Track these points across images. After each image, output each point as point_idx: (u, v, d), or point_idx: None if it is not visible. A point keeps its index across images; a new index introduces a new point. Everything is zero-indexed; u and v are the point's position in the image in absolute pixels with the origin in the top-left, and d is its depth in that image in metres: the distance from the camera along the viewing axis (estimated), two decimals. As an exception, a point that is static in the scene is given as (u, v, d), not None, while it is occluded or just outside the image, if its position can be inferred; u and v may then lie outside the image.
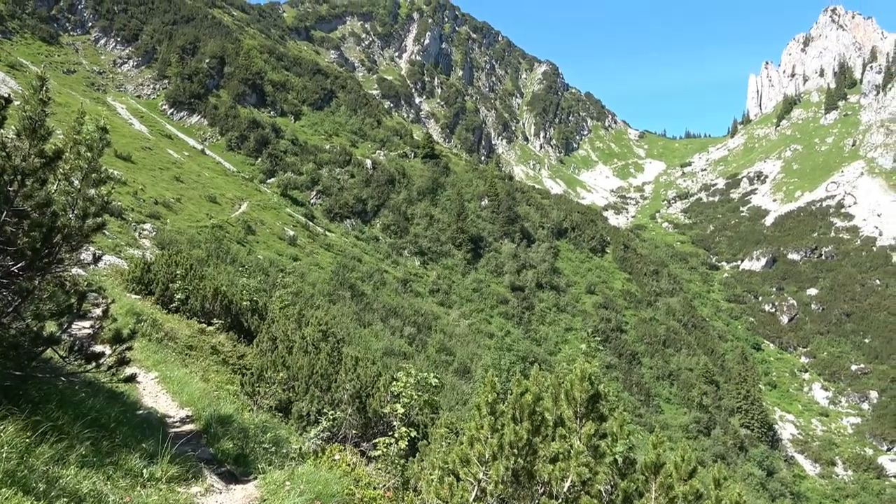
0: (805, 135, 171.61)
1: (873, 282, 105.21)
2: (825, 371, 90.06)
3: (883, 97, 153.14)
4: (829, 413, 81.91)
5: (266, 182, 70.09)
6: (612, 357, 66.79)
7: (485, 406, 5.89)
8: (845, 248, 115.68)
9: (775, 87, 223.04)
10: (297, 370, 12.86)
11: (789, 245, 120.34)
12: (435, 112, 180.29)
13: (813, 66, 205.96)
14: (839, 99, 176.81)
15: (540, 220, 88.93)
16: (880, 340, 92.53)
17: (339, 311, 43.41)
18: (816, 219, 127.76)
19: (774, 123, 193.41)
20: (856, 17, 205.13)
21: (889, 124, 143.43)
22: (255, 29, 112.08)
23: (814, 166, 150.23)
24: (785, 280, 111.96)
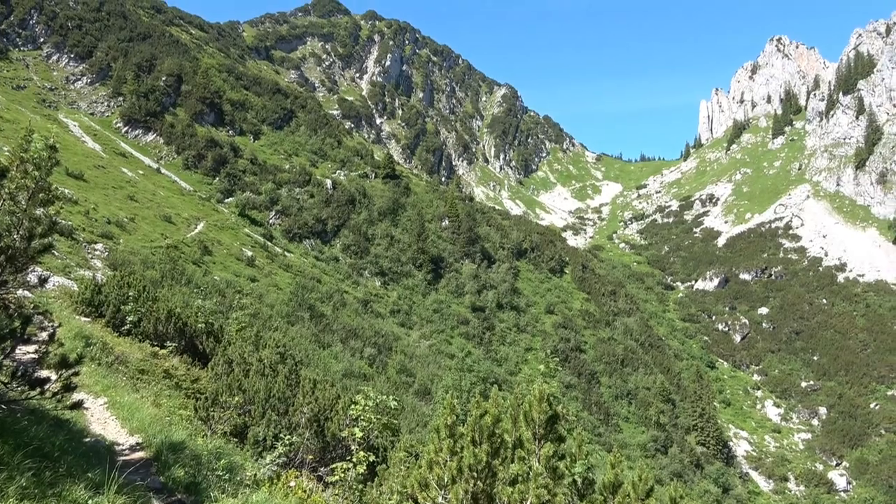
0: (754, 159, 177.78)
1: (820, 301, 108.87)
2: (777, 388, 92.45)
3: (826, 124, 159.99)
4: (781, 429, 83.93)
5: (224, 202, 68.99)
6: (571, 377, 67.29)
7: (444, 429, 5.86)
8: (793, 269, 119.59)
9: (725, 113, 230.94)
10: (253, 394, 12.59)
11: (741, 265, 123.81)
12: (396, 133, 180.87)
13: (760, 92, 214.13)
14: (786, 125, 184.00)
15: (500, 241, 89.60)
16: (828, 358, 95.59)
17: (297, 333, 42.76)
18: (766, 240, 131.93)
19: (725, 147, 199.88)
20: (800, 47, 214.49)
21: (832, 149, 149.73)
22: (213, 48, 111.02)
23: (763, 189, 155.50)
24: (737, 299, 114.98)
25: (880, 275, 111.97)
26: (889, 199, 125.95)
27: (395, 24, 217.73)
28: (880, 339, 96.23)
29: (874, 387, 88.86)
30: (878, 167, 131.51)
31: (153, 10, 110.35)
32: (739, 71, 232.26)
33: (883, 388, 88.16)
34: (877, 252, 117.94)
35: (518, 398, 7.30)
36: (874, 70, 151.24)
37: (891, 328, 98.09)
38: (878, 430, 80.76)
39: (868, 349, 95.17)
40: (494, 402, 6.92)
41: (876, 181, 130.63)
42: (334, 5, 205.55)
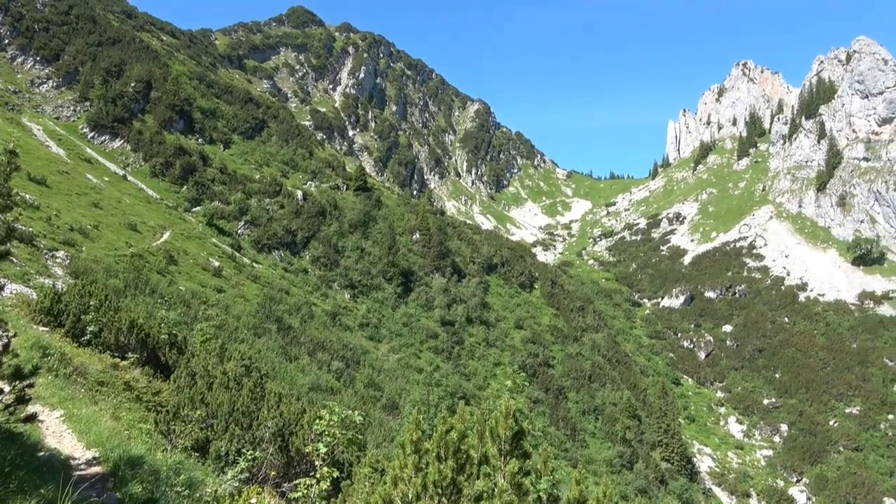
0: (720, 179, 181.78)
1: (782, 319, 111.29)
2: (740, 405, 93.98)
3: (789, 146, 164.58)
4: (744, 446, 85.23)
5: (191, 211, 67.97)
6: (539, 392, 67.51)
7: (409, 444, 5.82)
8: (757, 287, 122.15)
9: (692, 134, 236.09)
10: (216, 407, 12.35)
11: (706, 283, 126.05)
12: (368, 145, 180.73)
13: (726, 115, 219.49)
14: (750, 147, 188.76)
15: (471, 255, 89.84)
16: (789, 375, 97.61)
17: (264, 345, 42.16)
18: (730, 259, 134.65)
19: (692, 167, 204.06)
20: (764, 72, 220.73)
21: (795, 172, 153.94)
22: (185, 55, 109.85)
23: (728, 209, 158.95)
24: (702, 317, 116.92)
25: (839, 295, 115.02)
26: (848, 221, 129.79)
27: (369, 36, 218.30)
28: (839, 357, 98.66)
29: (833, 404, 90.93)
30: (838, 190, 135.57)
31: (124, 15, 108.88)
32: (706, 93, 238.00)
33: (841, 406, 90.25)
34: (836, 272, 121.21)
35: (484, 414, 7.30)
36: (835, 96, 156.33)
37: (849, 347, 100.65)
38: (836, 447, 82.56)
39: (828, 367, 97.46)
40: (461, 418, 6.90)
41: (836, 204, 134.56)
42: (309, 16, 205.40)
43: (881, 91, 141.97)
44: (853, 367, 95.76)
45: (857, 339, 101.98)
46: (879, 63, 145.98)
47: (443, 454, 5.99)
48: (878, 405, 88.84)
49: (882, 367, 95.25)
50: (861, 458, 79.94)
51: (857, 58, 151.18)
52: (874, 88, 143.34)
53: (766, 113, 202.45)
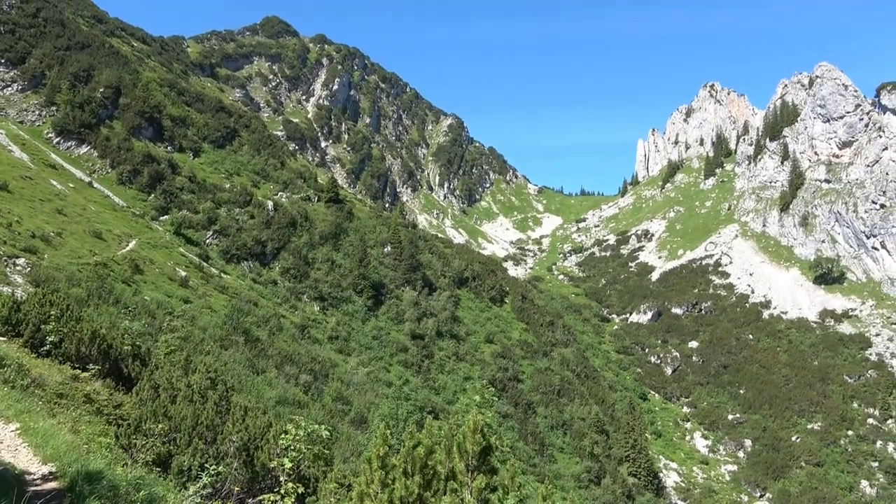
0: (687, 198, 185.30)
1: (747, 336, 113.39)
2: (705, 420, 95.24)
3: (754, 167, 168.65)
4: (709, 461, 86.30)
5: (159, 219, 66.83)
6: (508, 406, 67.55)
7: (376, 460, 5.78)
8: (722, 304, 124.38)
9: (661, 153, 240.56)
10: (179, 421, 12.10)
11: (673, 300, 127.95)
12: (341, 157, 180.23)
13: (694, 135, 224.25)
14: (717, 166, 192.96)
15: (442, 269, 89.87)
16: (753, 391, 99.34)
17: (230, 358, 41.49)
18: (697, 276, 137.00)
19: (660, 186, 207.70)
20: (731, 94, 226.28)
21: (759, 192, 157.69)
22: (156, 61, 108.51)
23: (695, 227, 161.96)
24: (669, 333, 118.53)
25: (802, 312, 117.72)
26: (810, 241, 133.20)
27: (344, 48, 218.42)
28: (801, 374, 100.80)
29: (795, 420, 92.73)
30: (801, 210, 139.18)
31: (94, 20, 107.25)
32: (675, 113, 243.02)
33: (803, 422, 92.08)
34: (799, 291, 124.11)
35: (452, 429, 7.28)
36: (798, 119, 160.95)
37: (811, 364, 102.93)
38: (798, 462, 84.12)
39: (790, 384, 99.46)
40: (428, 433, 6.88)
41: (798, 223, 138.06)
42: (283, 27, 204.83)
43: (842, 115, 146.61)
44: (814, 384, 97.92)
45: (818, 357, 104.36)
46: (840, 88, 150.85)
47: (410, 469, 5.96)
48: (839, 421, 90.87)
49: (842, 384, 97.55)
50: (822, 473, 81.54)
51: (819, 83, 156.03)
52: (835, 113, 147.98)
53: (733, 134, 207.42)
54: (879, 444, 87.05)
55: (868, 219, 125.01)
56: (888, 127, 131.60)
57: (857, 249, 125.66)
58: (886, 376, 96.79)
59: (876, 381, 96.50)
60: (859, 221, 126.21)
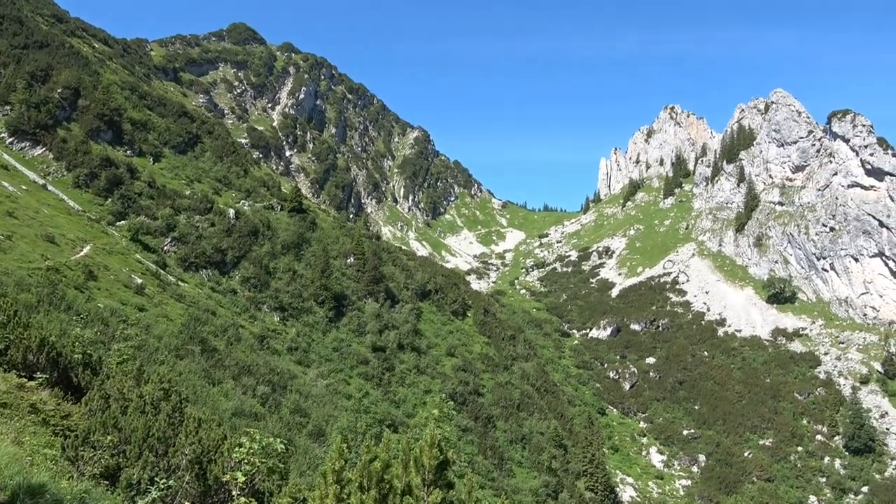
0: (647, 216, 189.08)
1: (702, 353, 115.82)
2: (661, 436, 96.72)
3: (711, 188, 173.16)
4: (664, 476, 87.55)
5: (115, 225, 65.13)
6: (468, 420, 67.47)
7: (331, 474, 5.72)
8: (679, 321, 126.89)
9: (622, 172, 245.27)
10: (130, 432, 11.77)
11: (631, 316, 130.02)
12: (305, 166, 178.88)
13: (654, 155, 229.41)
14: (676, 187, 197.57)
15: (405, 281, 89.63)
16: (707, 407, 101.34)
17: (186, 368, 40.55)
18: (655, 293, 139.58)
19: (621, 204, 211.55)
20: (690, 117, 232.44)
21: (716, 212, 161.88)
22: (117, 63, 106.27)
23: (654, 245, 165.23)
24: (628, 349, 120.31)
25: (755, 331, 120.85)
26: (764, 261, 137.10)
27: (311, 58, 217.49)
28: (754, 391, 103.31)
29: (748, 436, 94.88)
30: (755, 231, 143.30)
31: (53, 19, 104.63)
32: (636, 134, 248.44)
33: (755, 438, 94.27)
34: (752, 309, 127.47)
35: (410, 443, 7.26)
36: (754, 143, 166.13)
37: (763, 381, 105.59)
38: (750, 477, 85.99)
39: (743, 400, 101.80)
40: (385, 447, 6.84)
41: (753, 244, 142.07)
42: (250, 34, 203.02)
43: (795, 140, 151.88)
44: (766, 401, 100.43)
45: (770, 374, 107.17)
46: (794, 114, 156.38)
47: (366, 484, 5.93)
48: (789, 437, 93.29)
49: (792, 401, 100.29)
50: (773, 488, 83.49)
51: (774, 108, 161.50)
52: (789, 138, 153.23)
53: (691, 155, 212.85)
54: (827, 460, 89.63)
55: (818, 241, 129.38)
56: (838, 153, 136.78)
57: (808, 270, 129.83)
58: (834, 394, 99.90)
59: (824, 398, 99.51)
60: (810, 243, 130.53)
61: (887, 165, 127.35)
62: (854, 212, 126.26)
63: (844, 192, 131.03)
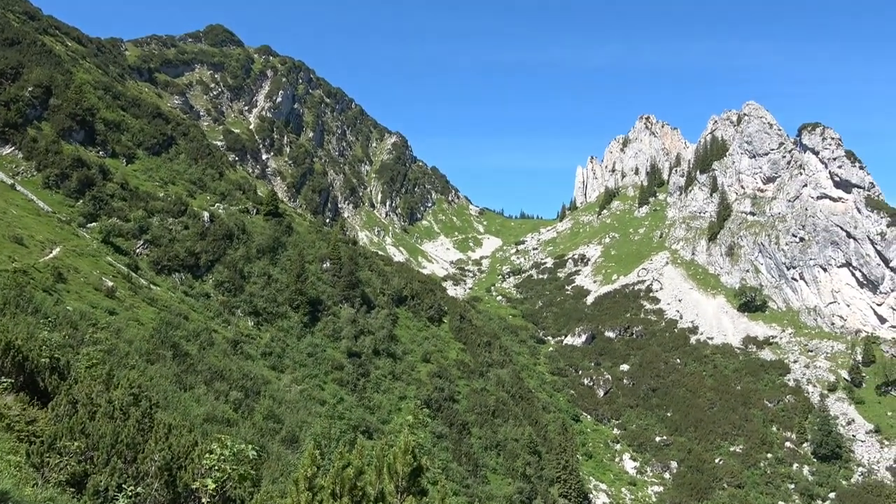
0: (622, 224, 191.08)
1: (675, 360, 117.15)
2: (634, 442, 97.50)
3: (685, 197, 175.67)
4: (637, 482, 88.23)
5: (86, 226, 63.96)
6: (443, 427, 67.37)
7: (303, 481, 5.67)
8: (652, 329, 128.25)
9: (598, 180, 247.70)
10: (98, 438, 11.54)
11: (606, 323, 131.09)
12: (282, 170, 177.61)
13: (630, 164, 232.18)
14: (650, 196, 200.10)
15: (381, 287, 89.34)
16: (680, 414, 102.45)
17: (157, 373, 39.90)
18: (630, 300, 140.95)
19: (597, 212, 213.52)
20: (665, 127, 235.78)
21: (689, 221, 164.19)
22: (91, 63, 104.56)
23: (628, 253, 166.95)
24: (602, 356, 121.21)
25: (726, 338, 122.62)
26: (735, 270, 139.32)
27: (289, 61, 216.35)
28: (725, 398, 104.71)
29: (719, 443, 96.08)
30: (727, 241, 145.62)
31: (25, 16, 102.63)
32: (612, 143, 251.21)
33: (726, 445, 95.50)
34: (724, 317, 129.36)
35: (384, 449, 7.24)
36: (726, 154, 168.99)
37: (734, 388, 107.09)
38: (721, 483, 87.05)
39: (714, 407, 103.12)
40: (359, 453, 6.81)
41: (725, 253, 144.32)
42: (227, 35, 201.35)
43: (766, 152, 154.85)
44: (737, 408, 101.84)
45: (741, 382, 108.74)
46: (766, 126, 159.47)
47: (338, 491, 5.89)
48: (759, 444, 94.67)
49: (762, 409, 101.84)
50: (743, 494, 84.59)
51: (746, 120, 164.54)
52: (760, 149, 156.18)
53: (666, 165, 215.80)
54: (796, 467, 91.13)
55: (788, 251, 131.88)
56: (808, 165, 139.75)
57: (778, 280, 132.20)
58: (803, 401, 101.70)
59: (793, 405, 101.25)
60: (780, 253, 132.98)
61: (854, 178, 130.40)
62: (823, 223, 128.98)
63: (814, 203, 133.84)
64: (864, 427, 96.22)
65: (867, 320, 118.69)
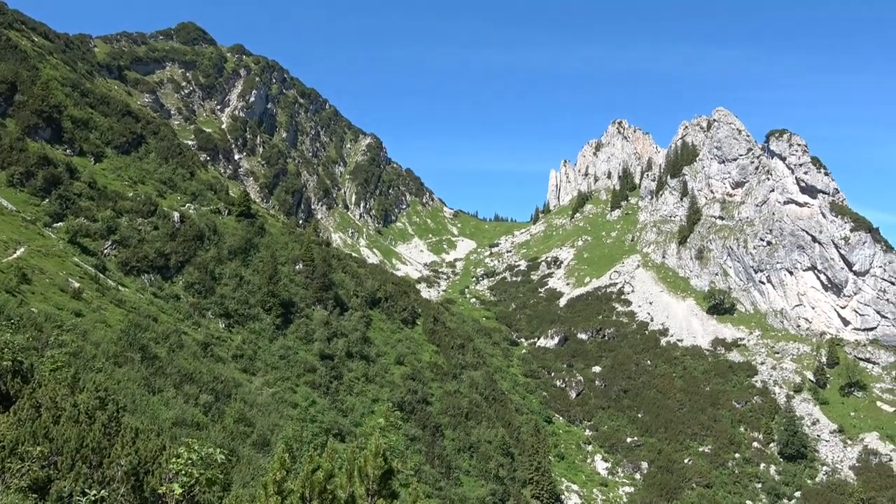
0: (595, 227, 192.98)
1: (645, 362, 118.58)
2: (605, 443, 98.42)
3: (656, 202, 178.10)
4: (608, 483, 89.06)
5: (52, 226, 62.53)
6: (416, 429, 67.25)
7: (272, 485, 5.63)
8: (624, 331, 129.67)
9: (572, 184, 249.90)
10: (62, 443, 11.29)
11: (579, 325, 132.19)
12: (255, 170, 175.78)
13: (602, 168, 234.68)
14: (622, 199, 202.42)
15: (355, 289, 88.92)
16: (650, 415, 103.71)
17: (125, 376, 39.14)
18: (602, 303, 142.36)
19: (570, 215, 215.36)
20: (637, 132, 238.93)
21: (660, 225, 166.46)
22: (58, 59, 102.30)
23: (601, 256, 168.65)
24: (574, 357, 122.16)
25: (696, 340, 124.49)
26: (705, 273, 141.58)
27: (263, 60, 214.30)
28: (694, 399, 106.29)
29: (688, 443, 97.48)
30: (697, 244, 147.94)
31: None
32: (585, 147, 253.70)
33: (695, 445, 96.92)
34: (694, 320, 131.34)
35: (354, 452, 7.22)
36: (696, 159, 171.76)
37: (703, 390, 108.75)
38: (690, 483, 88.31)
39: (684, 408, 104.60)
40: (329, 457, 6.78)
41: (695, 256, 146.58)
42: (199, 34, 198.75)
43: (735, 158, 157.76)
44: (706, 409, 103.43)
45: (709, 383, 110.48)
46: (734, 132, 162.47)
47: (308, 495, 5.86)
48: (727, 444, 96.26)
49: (730, 409, 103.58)
50: (711, 494, 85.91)
51: (716, 126, 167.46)
52: (730, 155, 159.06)
53: (637, 169, 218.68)
54: (763, 467, 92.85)
55: (756, 254, 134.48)
56: (775, 171, 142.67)
57: (746, 283, 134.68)
58: (770, 402, 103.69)
59: (761, 406, 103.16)
60: (748, 257, 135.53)
61: (820, 184, 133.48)
62: (789, 227, 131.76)
63: (781, 208, 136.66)
64: (828, 427, 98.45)
65: (831, 323, 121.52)
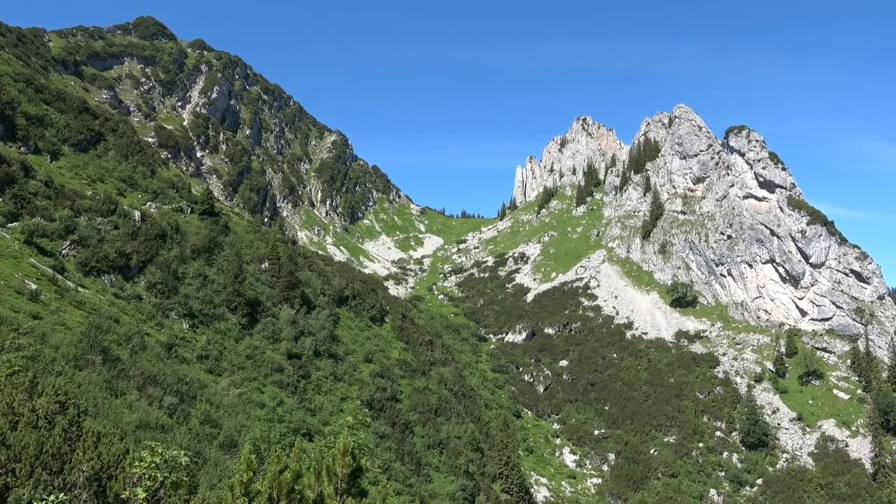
0: (560, 223, 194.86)
1: (611, 355, 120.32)
2: (573, 436, 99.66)
3: (620, 197, 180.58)
4: (577, 475, 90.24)
5: (7, 227, 60.61)
6: (386, 427, 67.13)
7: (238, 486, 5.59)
8: (590, 325, 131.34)
9: (537, 180, 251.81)
10: (20, 449, 11.00)
11: (546, 320, 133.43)
12: (218, 168, 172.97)
13: (567, 164, 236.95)
14: (587, 195, 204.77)
15: (322, 287, 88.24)
16: (616, 407, 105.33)
17: (86, 379, 38.18)
18: (568, 298, 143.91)
19: (536, 211, 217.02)
20: (601, 128, 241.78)
21: (624, 220, 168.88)
22: (10, 53, 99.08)
23: (567, 251, 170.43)
24: (542, 352, 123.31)
25: (660, 333, 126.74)
26: (668, 267, 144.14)
27: (225, 56, 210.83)
28: (659, 391, 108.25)
29: (653, 434, 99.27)
30: (660, 239, 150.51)
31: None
32: (551, 143, 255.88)
33: (660, 436, 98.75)
34: (658, 313, 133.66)
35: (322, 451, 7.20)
36: (659, 155, 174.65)
37: (667, 381, 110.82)
38: (656, 473, 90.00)
39: (649, 400, 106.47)
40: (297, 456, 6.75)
41: (658, 251, 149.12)
42: (159, 28, 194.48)
43: (696, 153, 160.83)
44: (670, 400, 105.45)
45: (673, 374, 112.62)
46: (695, 129, 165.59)
47: (275, 496, 5.83)
48: (691, 434, 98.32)
49: (694, 400, 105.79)
50: (676, 483, 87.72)
51: (677, 122, 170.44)
52: (691, 151, 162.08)
53: (602, 165, 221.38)
54: (725, 455, 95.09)
55: (717, 248, 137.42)
56: (734, 166, 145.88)
57: (707, 276, 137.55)
58: (731, 392, 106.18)
59: (723, 396, 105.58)
60: (710, 250, 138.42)
61: (777, 179, 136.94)
62: (749, 221, 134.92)
63: (740, 202, 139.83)
64: (788, 415, 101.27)
65: (790, 314, 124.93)
